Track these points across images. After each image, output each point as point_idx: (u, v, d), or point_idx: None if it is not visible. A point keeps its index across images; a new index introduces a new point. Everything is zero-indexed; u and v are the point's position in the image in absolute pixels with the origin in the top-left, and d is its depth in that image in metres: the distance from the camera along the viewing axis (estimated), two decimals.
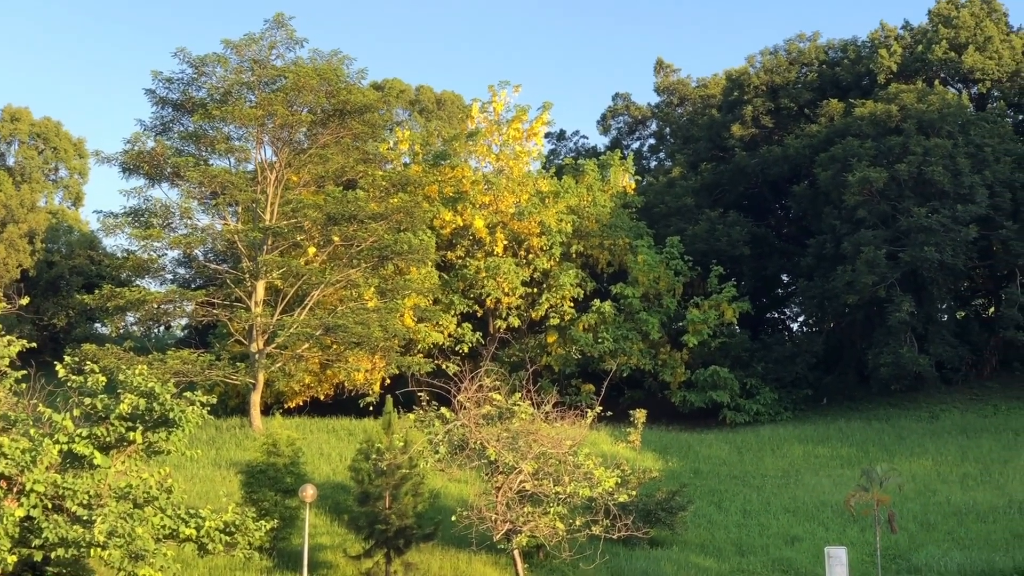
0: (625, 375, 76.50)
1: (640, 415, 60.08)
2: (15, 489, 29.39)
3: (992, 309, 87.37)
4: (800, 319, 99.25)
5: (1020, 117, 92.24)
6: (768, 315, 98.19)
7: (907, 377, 77.50)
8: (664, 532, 53.89)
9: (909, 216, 76.82)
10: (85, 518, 30.47)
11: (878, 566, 49.54)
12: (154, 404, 35.76)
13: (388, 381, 69.18)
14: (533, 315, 75.85)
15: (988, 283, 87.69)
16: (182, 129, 67.49)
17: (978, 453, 66.41)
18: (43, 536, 29.30)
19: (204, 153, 67.19)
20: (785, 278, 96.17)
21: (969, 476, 62.76)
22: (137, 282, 70.11)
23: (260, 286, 64.64)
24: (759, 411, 77.23)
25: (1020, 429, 70.60)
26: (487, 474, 45.74)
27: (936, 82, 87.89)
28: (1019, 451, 66.18)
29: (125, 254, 68.81)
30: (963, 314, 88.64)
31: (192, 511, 38.67)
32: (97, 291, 63.09)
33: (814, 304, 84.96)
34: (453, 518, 45.07)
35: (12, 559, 28.59)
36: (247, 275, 64.76)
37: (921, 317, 78.33)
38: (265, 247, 64.60)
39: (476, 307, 74.65)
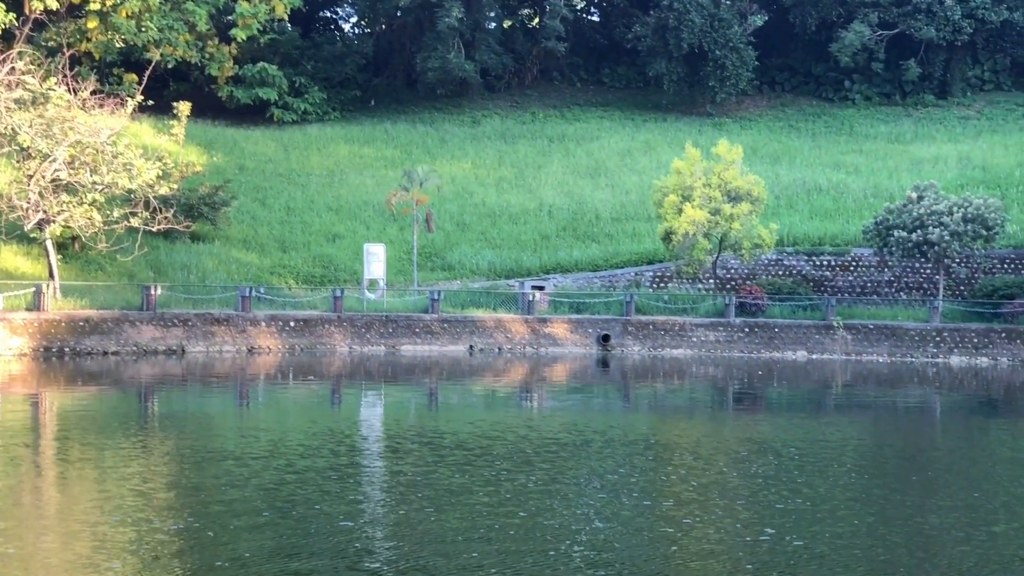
0: (170, 67, 73.96)
1: (184, 108, 58.43)
2: None
3: (536, 20, 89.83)
4: (352, 20, 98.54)
5: None
6: (320, 14, 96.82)
7: (453, 82, 79.31)
8: (206, 227, 53.75)
9: None
10: None
11: (414, 263, 51.49)
12: None
13: None
14: None
15: None
16: None
17: (515, 158, 69.31)
18: None
19: None
20: None
21: (505, 180, 65.58)
22: None
23: None
24: (307, 110, 77.08)
25: (554, 136, 74.03)
26: (18, 161, 43.98)
27: None
28: (552, 157, 69.54)
29: None
30: (510, 23, 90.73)
31: None
32: None
33: (366, 5, 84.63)
34: None
35: None
36: None
37: (469, 24, 79.64)
38: None
39: None
